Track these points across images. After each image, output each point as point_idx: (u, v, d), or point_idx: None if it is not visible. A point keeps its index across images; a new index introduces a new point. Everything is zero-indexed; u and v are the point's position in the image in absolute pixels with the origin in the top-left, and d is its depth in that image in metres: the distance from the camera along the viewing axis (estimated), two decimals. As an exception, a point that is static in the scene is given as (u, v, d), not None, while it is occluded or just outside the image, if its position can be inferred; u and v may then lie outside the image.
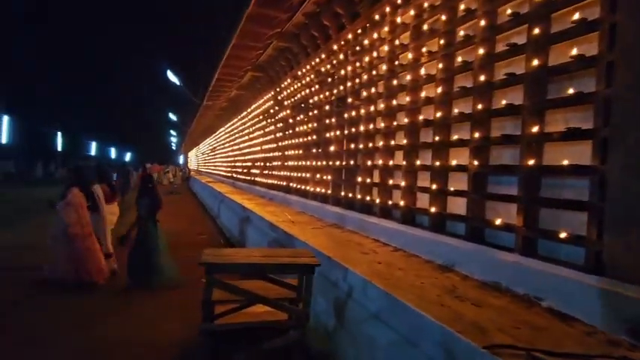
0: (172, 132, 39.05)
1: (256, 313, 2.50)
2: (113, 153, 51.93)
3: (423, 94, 3.42)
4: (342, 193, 4.82)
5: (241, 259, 2.34)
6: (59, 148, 29.85)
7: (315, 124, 5.84)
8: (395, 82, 3.88)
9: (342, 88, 5.00)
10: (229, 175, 14.33)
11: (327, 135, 5.39)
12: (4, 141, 17.94)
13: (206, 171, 25.59)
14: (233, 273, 2.59)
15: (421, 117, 3.45)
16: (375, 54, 4.24)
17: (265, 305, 2.42)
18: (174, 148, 54.20)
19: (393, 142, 3.88)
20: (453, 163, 3.02)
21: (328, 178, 5.37)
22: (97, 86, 43.47)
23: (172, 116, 22.73)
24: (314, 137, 5.88)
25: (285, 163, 7.28)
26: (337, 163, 5.04)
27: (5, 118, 17.33)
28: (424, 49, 3.46)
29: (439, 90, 3.17)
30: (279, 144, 7.64)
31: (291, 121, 7.03)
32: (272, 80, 8.31)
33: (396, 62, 3.88)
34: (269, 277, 2.53)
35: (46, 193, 8.59)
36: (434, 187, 3.18)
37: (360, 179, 4.38)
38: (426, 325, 1.83)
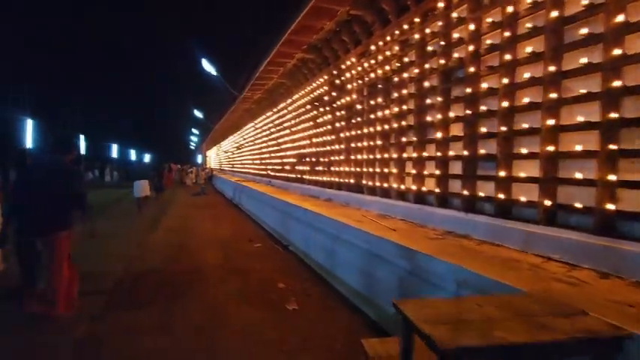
0: (194, 130, 38.50)
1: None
2: (133, 155, 52.05)
3: None
4: (460, 192, 3.71)
5: (512, 338, 1.21)
6: (82, 151, 29.78)
7: (405, 107, 4.72)
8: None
9: (455, 56, 3.87)
10: (263, 173, 13.38)
11: (428, 119, 4.28)
12: (29, 144, 17.50)
13: (230, 170, 24.85)
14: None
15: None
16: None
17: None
18: (192, 147, 53.95)
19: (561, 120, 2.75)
20: None
21: (429, 173, 4.27)
22: (118, 88, 43.42)
23: (197, 113, 21.96)
24: (401, 123, 4.77)
25: (352, 157, 6.20)
26: (451, 153, 3.92)
27: (30, 122, 16.92)
28: None
29: None
30: (341, 135, 6.56)
31: (359, 107, 5.93)
32: (326, 62, 7.21)
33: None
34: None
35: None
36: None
37: (502, 173, 3.25)
38: None
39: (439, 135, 4.03)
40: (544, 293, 1.73)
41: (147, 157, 51.38)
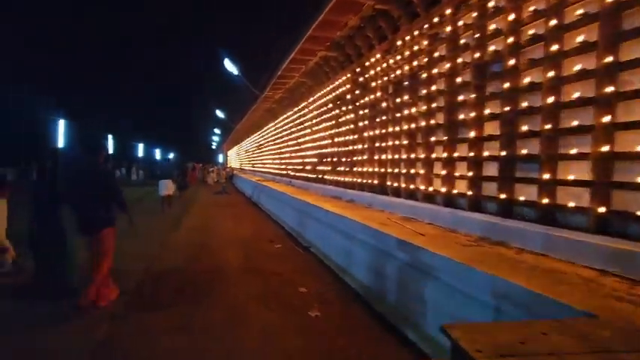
0: (216, 130, 39.13)
1: None
2: (158, 154, 53.58)
3: None
4: (496, 195, 3.45)
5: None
6: (110, 151, 30.94)
7: (434, 105, 4.47)
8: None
9: (491, 49, 3.60)
10: (283, 172, 13.33)
11: (460, 117, 4.02)
12: (61, 144, 18.27)
13: (250, 169, 25.05)
14: None
15: None
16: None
17: None
18: (214, 147, 54.93)
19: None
20: None
21: (460, 175, 4.02)
22: (143, 89, 44.78)
23: (219, 113, 22.25)
24: (430, 122, 4.52)
25: (376, 157, 5.99)
26: (485, 153, 3.66)
27: (62, 122, 17.67)
28: None
29: None
30: (364, 134, 6.36)
31: (384, 105, 5.72)
32: (349, 59, 7.03)
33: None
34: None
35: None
36: None
37: (546, 175, 2.97)
38: None
39: (472, 134, 3.77)
40: (620, 320, 1.48)
41: (171, 156, 52.77)
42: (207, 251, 5.93)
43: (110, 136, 27.75)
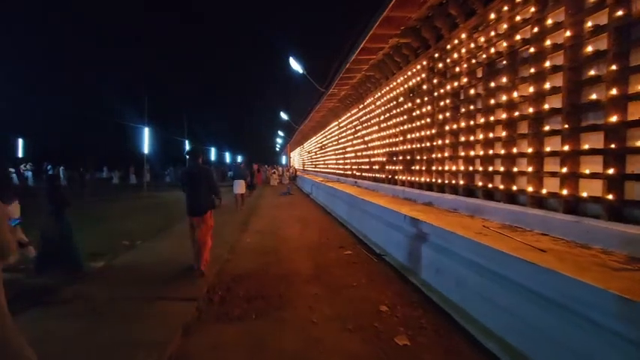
0: (280, 133, 40.38)
1: None
2: (227, 157, 57.31)
3: None
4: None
5: None
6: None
7: (547, 86, 3.58)
8: None
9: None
10: (348, 173, 12.86)
11: (591, 97, 3.10)
12: (146, 149, 20.10)
13: (313, 170, 25.11)
14: None
15: None
16: None
17: None
18: (277, 149, 56.85)
19: None
20: None
21: (591, 172, 3.10)
22: (215, 95, 48.08)
23: (283, 116, 22.67)
24: (542, 107, 3.64)
25: (460, 154, 5.17)
26: (634, 143, 2.73)
27: (146, 129, 19.48)
28: None
29: None
30: (446, 128, 5.56)
31: (472, 92, 4.88)
32: (425, 44, 6.26)
33: None
34: None
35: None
36: None
37: None
38: None
39: (614, 119, 2.85)
40: None
41: (239, 159, 55.96)
42: (275, 257, 5.69)
43: (187, 141, 30.11)
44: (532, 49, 3.71)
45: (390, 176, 8.18)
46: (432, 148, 6.05)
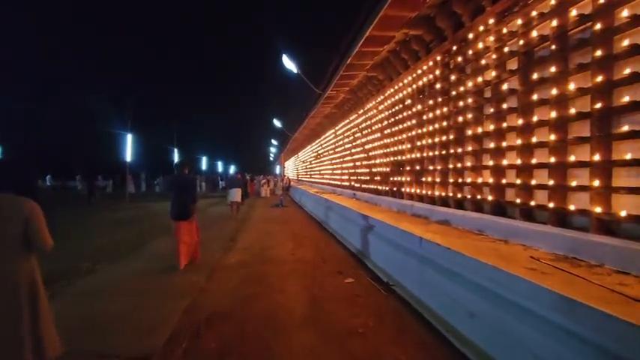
0: (273, 141, 39.47)
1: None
2: (220, 166, 56.10)
3: None
4: None
5: None
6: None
7: (615, 77, 2.71)
8: None
9: None
10: (345, 184, 11.93)
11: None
12: (128, 158, 19.00)
13: (307, 180, 24.14)
14: None
15: None
16: None
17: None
18: (271, 159, 55.87)
19: None
20: None
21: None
22: (206, 103, 47.23)
23: (277, 123, 21.82)
24: (609, 102, 2.76)
25: (486, 163, 4.28)
26: None
27: (129, 136, 18.42)
28: None
29: None
30: (468, 133, 4.68)
31: (504, 88, 4.01)
32: (440, 36, 5.43)
33: None
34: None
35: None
36: None
37: None
38: None
39: None
40: None
41: (232, 169, 54.78)
42: (262, 287, 4.68)
43: (176, 150, 29.03)
44: (599, 25, 2.85)
45: (394, 188, 7.27)
46: (448, 156, 5.16)
